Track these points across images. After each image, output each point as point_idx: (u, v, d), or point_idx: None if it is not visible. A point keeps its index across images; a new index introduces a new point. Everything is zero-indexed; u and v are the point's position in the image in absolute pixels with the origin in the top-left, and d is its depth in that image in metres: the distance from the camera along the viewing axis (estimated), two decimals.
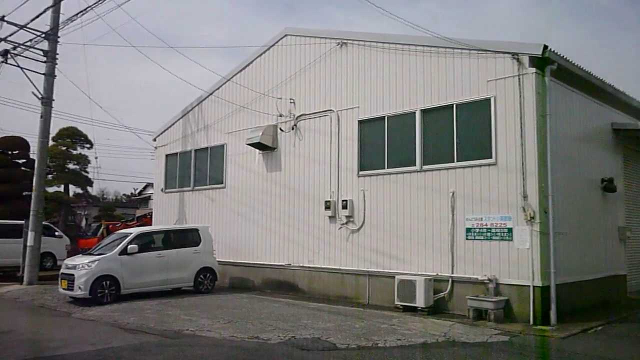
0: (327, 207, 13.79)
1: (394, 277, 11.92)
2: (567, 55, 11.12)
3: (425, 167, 12.12)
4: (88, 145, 35.03)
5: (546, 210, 10.40)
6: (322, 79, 14.50)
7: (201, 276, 14.78)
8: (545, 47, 10.38)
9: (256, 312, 11.55)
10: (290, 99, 15.09)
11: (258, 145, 15.41)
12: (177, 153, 18.81)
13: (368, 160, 13.29)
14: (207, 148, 17.65)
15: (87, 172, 35.46)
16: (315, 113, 14.54)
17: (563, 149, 11.30)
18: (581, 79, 11.97)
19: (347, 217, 13.44)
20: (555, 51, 10.64)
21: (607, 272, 12.76)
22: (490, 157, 11.02)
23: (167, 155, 19.24)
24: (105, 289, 12.91)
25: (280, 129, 15.32)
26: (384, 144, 12.93)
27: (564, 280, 10.74)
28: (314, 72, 14.73)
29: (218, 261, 15.58)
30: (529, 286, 10.25)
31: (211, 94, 17.61)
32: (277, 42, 15.90)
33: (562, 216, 10.96)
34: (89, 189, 38.95)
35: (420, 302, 11.28)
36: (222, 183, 17.02)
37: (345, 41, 14.02)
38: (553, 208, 10.46)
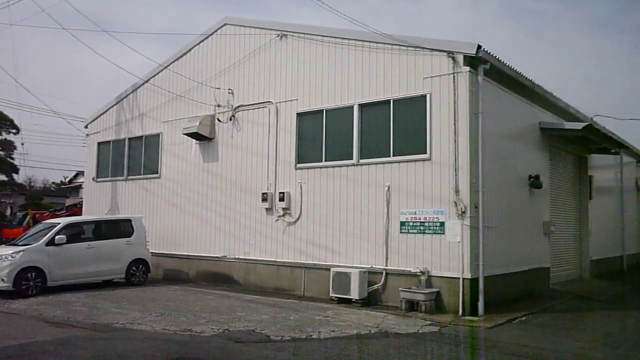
0: (264, 199, 13.74)
1: (330, 269, 12.04)
2: (501, 56, 11.54)
3: (362, 161, 12.28)
4: (14, 131, 33.46)
5: (476, 205, 10.76)
6: (262, 70, 14.40)
7: (133, 268, 14.43)
8: (479, 46, 10.69)
9: (190, 304, 11.40)
10: (229, 89, 14.90)
11: (195, 136, 15.15)
12: (110, 141, 18.24)
13: (306, 153, 13.32)
14: (141, 137, 17.20)
15: (12, 158, 33.89)
16: (253, 104, 14.42)
17: (494, 146, 11.69)
18: (512, 79, 12.40)
19: (284, 209, 13.44)
20: (488, 51, 10.98)
21: (532, 264, 13.34)
22: (425, 152, 11.28)
23: (99, 143, 18.62)
24: (30, 281, 12.39)
25: (218, 120, 15.11)
26: (321, 137, 12.99)
27: (492, 272, 11.16)
28: (253, 63, 14.60)
29: (152, 253, 15.25)
30: (459, 278, 10.59)
31: (147, 81, 17.14)
32: (216, 31, 15.64)
33: (492, 211, 11.36)
34: (14, 176, 37.22)
35: (354, 294, 11.44)
36: (157, 173, 16.64)
37: (285, 33, 13.97)
38: (483, 203, 10.85)
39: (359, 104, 12.43)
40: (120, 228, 14.67)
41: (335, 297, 11.79)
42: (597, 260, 18.07)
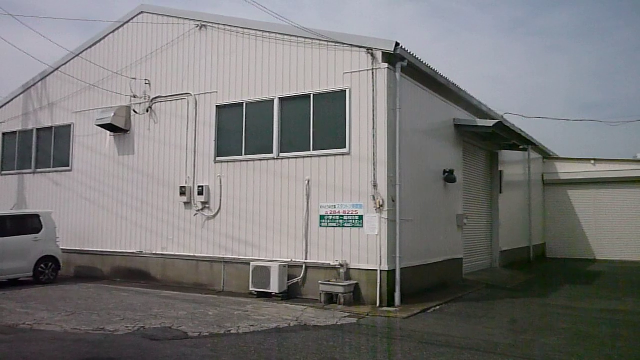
0: (183, 193, 13.45)
1: (250, 263, 11.97)
2: (420, 54, 11.86)
3: (282, 155, 12.26)
4: None
5: (394, 198, 11.02)
6: (180, 61, 14.05)
7: (42, 265, 13.72)
8: (397, 44, 10.92)
9: (103, 302, 10.98)
10: (146, 80, 14.44)
11: (109, 127, 14.57)
12: (16, 132, 17.23)
13: (226, 146, 13.15)
14: (51, 127, 16.37)
15: None
16: (172, 96, 14.06)
17: (411, 142, 12.01)
18: (428, 77, 12.77)
19: (203, 203, 13.22)
20: (406, 49, 11.24)
21: (447, 255, 13.84)
22: (345, 147, 11.42)
23: (4, 134, 17.56)
24: None
25: (134, 111, 14.61)
26: (242, 130, 12.86)
27: (408, 264, 11.48)
28: (171, 54, 14.22)
29: (63, 249, 14.57)
30: (376, 270, 10.82)
31: (57, 69, 16.32)
32: (132, 18, 15.11)
33: (408, 204, 11.67)
34: None
35: (274, 287, 11.44)
36: (68, 166, 15.89)
37: (204, 24, 13.69)
38: (400, 197, 11.13)
39: (279, 98, 12.40)
40: (27, 224, 13.88)
41: (255, 291, 11.74)
42: (506, 251, 19.03)
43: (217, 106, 13.30)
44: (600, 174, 24.21)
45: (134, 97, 14.53)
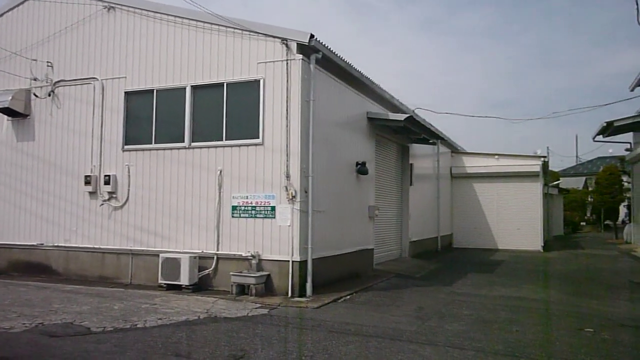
0: (88, 183, 12.85)
1: (159, 255, 11.64)
2: (338, 47, 11.95)
3: (194, 144, 11.99)
4: None
5: (306, 189, 11.07)
6: (86, 44, 13.36)
7: None
8: (312, 35, 10.92)
9: None
10: (48, 62, 13.63)
11: (6, 111, 13.62)
12: None
13: (134, 134, 12.68)
14: None
15: None
16: (76, 80, 13.36)
17: (324, 133, 12.09)
18: (343, 70, 12.89)
19: (109, 193, 12.69)
20: (321, 41, 11.26)
21: (358, 246, 14.10)
22: (258, 137, 11.32)
23: None
24: None
25: (35, 95, 13.76)
26: (152, 118, 12.45)
27: (320, 254, 11.59)
28: (76, 35, 13.49)
29: None
30: (288, 261, 10.84)
31: None
32: None
33: (321, 195, 11.77)
34: None
35: (184, 279, 11.20)
36: None
37: (113, 5, 13.09)
38: (313, 188, 11.19)
39: (192, 86, 12.10)
40: None
41: (165, 283, 11.45)
42: (415, 241, 19.68)
43: (125, 92, 12.78)
44: (502, 168, 25.59)
45: (35, 79, 13.66)
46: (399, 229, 18.79)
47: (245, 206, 11.39)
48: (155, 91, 12.46)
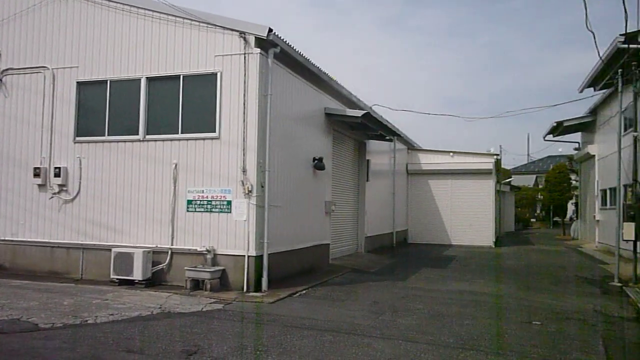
0: (37, 175, 12.46)
1: (111, 249, 11.40)
2: (299, 43, 11.91)
3: (148, 136, 11.78)
4: None
5: (263, 184, 11.03)
6: (37, 32, 12.93)
7: None
8: (270, 30, 10.86)
9: None
10: None
11: None
12: None
13: (87, 126, 12.37)
14: None
15: None
16: (26, 68, 12.92)
17: (281, 128, 12.06)
18: (301, 65, 12.88)
19: (60, 185, 12.35)
20: (279, 35, 11.22)
21: (315, 241, 14.15)
22: (214, 131, 11.21)
23: None
24: None
25: None
26: (105, 109, 12.17)
27: (276, 249, 11.58)
28: (27, 22, 13.04)
29: None
30: (244, 256, 10.78)
31: None
32: None
33: (278, 190, 11.75)
34: None
35: (137, 274, 11.01)
36: None
37: None
38: (270, 183, 11.16)
39: (147, 77, 11.87)
40: None
41: (117, 278, 11.22)
42: (371, 236, 19.89)
43: (77, 82, 12.44)
44: (457, 165, 26.10)
45: None
46: (355, 225, 18.94)
47: (200, 200, 11.27)
48: (109, 82, 12.18)
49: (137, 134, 11.84)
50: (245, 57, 11.06)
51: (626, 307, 10.45)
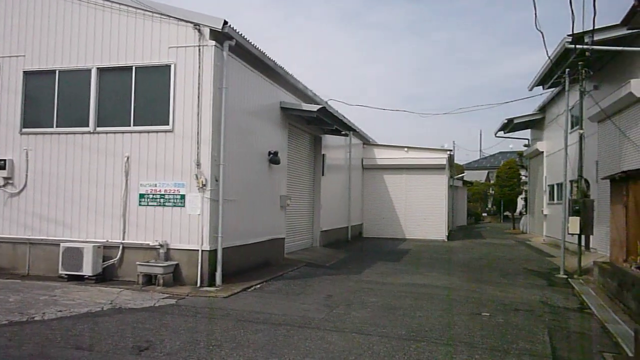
0: None
1: (60, 244, 11.10)
2: (259, 37, 11.83)
3: (99, 129, 11.51)
4: None
5: (217, 178, 10.94)
6: None
7: None
8: (225, 22, 10.75)
9: None
10: None
11: None
12: None
13: (34, 117, 11.98)
14: None
15: None
16: None
17: (236, 122, 11.97)
18: (257, 58, 12.80)
19: (5, 179, 11.94)
20: (235, 28, 11.12)
21: (269, 235, 14.12)
22: (168, 123, 11.04)
23: None
24: None
25: None
26: (53, 100, 11.82)
27: (231, 243, 11.51)
28: None
29: None
30: (198, 250, 10.68)
31: None
32: None
33: (232, 184, 11.67)
34: None
35: (87, 270, 10.77)
36: None
37: None
38: (224, 176, 11.06)
39: (98, 68, 11.59)
40: None
41: (66, 274, 10.95)
42: (326, 230, 19.98)
43: (24, 72, 12.03)
44: (411, 160, 26.49)
45: None
46: (310, 219, 18.99)
47: (153, 194, 11.09)
48: (57, 72, 11.82)
49: (88, 126, 11.54)
50: (199, 49, 10.92)
51: (571, 298, 10.85)
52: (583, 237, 14.40)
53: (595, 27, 11.95)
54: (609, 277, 10.91)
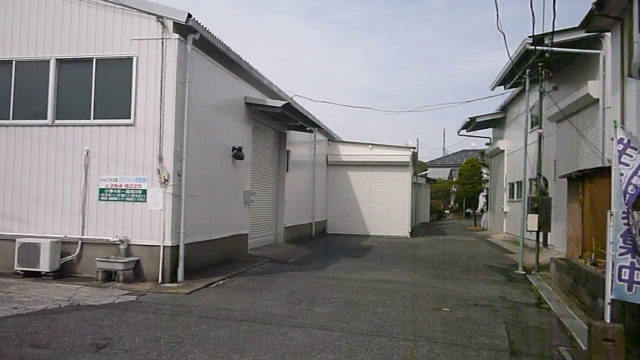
0: None
1: (15, 240, 10.80)
2: (225, 31, 11.69)
3: (58, 122, 11.24)
4: None
5: (180, 173, 10.80)
6: None
7: None
8: (190, 15, 10.61)
9: None
10: None
11: None
12: None
13: None
14: None
15: None
16: None
17: (200, 116, 11.84)
18: (221, 53, 12.68)
19: None
20: (199, 21, 10.98)
21: (233, 231, 14.03)
22: (129, 117, 10.85)
23: None
24: None
25: None
26: (10, 91, 11.49)
27: (193, 239, 11.39)
28: None
29: None
30: (159, 246, 10.55)
31: None
32: None
33: (195, 180, 11.55)
34: None
35: (44, 266, 10.51)
36: None
37: None
38: (187, 172, 10.93)
39: (57, 59, 11.31)
40: None
41: (22, 270, 10.67)
42: (290, 226, 19.97)
43: None
44: (375, 157, 26.66)
45: None
46: (274, 215, 18.95)
47: (114, 189, 10.89)
48: (14, 62, 11.49)
49: (46, 119, 11.26)
50: (162, 42, 10.75)
51: (528, 294, 11.11)
52: (541, 234, 14.77)
53: (555, 30, 12.22)
54: (565, 273, 11.22)
